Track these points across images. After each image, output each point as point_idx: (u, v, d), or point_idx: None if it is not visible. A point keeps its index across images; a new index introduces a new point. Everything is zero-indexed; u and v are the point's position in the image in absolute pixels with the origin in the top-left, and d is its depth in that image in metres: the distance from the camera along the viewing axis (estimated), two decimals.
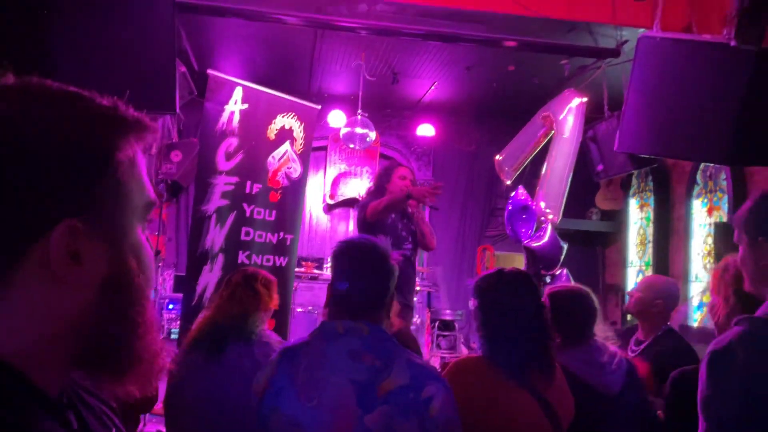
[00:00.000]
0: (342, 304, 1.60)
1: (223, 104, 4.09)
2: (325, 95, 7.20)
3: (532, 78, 6.15)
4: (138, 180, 0.68)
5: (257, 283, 2.48)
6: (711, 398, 1.30)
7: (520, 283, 1.95)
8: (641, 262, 7.10)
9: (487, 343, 1.90)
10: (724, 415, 1.27)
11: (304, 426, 1.46)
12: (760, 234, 1.39)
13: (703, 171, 6.09)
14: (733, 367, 1.27)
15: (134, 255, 0.67)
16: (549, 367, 1.90)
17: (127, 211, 0.66)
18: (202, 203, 4.05)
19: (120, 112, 0.66)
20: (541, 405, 1.83)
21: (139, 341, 0.66)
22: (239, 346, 2.34)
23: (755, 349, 1.27)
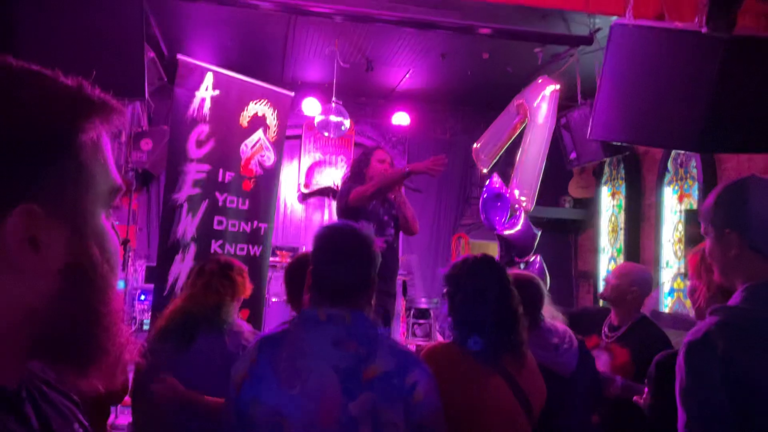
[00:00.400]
0: (324, 290, 1.58)
1: (194, 90, 4.01)
2: (298, 83, 7.13)
3: (506, 66, 6.16)
4: (102, 164, 0.65)
5: (233, 272, 2.44)
6: (691, 390, 1.30)
7: (483, 267, 1.97)
8: (613, 248, 7.19)
9: (455, 328, 1.91)
10: (705, 406, 1.27)
11: (286, 415, 1.44)
12: (726, 226, 1.39)
13: (674, 159, 6.17)
14: (711, 357, 1.27)
15: (97, 242, 0.64)
16: (520, 351, 1.91)
17: (89, 196, 0.63)
18: (173, 192, 3.97)
19: (84, 91, 0.63)
20: (513, 389, 1.85)
21: (104, 333, 0.63)
22: (210, 337, 2.31)
23: (733, 338, 1.27)
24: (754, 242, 1.35)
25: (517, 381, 1.86)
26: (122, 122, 0.67)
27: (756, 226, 1.35)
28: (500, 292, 1.92)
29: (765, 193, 1.38)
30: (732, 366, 1.25)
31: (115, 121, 0.66)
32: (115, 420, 4.48)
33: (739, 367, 1.25)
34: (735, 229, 1.37)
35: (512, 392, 1.84)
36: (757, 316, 1.30)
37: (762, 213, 1.36)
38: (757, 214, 1.35)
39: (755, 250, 1.35)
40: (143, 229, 7.49)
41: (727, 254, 1.39)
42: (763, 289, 1.32)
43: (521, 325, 1.93)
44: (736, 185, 1.45)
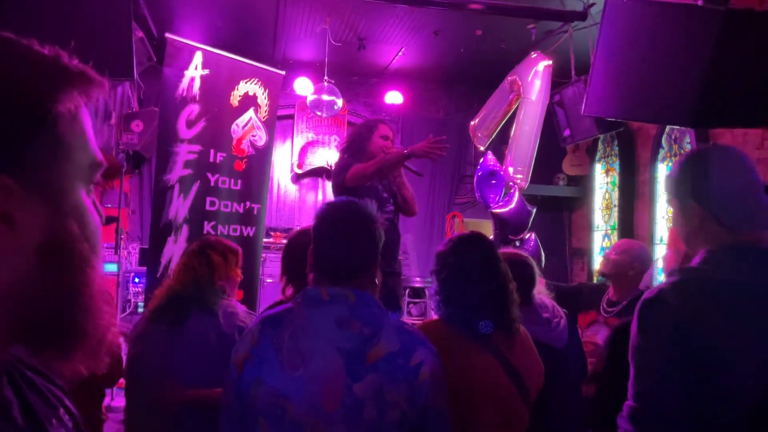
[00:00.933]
0: (325, 269, 1.55)
1: (183, 70, 3.95)
2: (290, 62, 7.05)
3: (499, 43, 6.10)
4: (81, 137, 0.62)
5: (213, 252, 2.40)
6: (642, 346, 1.31)
7: (471, 245, 1.95)
8: (607, 226, 7.19)
9: (443, 306, 1.90)
10: (655, 362, 1.28)
11: (289, 397, 1.41)
12: (688, 198, 1.39)
13: (668, 135, 6.15)
14: (664, 315, 1.28)
15: (77, 220, 0.61)
16: (511, 328, 1.88)
17: (67, 171, 0.60)
18: (164, 173, 3.93)
19: (61, 61, 0.60)
20: (504, 367, 1.83)
21: (85, 314, 0.60)
22: (202, 317, 2.28)
23: (685, 296, 1.28)
24: (714, 214, 1.35)
25: (508, 359, 1.85)
26: (103, 94, 0.64)
27: (716, 199, 1.35)
28: (485, 269, 1.90)
29: (726, 164, 1.38)
30: (681, 323, 1.25)
31: (94, 93, 0.63)
32: (111, 402, 4.48)
33: (688, 324, 1.25)
34: (696, 201, 1.37)
35: (504, 371, 1.82)
36: (711, 276, 1.31)
37: (722, 185, 1.35)
38: (717, 187, 1.35)
39: (716, 221, 1.35)
40: (136, 212, 7.45)
41: (690, 225, 1.40)
42: (721, 252, 1.32)
43: (511, 301, 1.90)
44: (697, 156, 1.45)
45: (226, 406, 1.56)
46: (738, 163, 1.39)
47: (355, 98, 7.89)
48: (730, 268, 1.30)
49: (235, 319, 2.29)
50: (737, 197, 1.35)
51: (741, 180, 1.37)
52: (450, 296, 1.89)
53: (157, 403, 2.23)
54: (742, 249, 1.31)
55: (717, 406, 1.24)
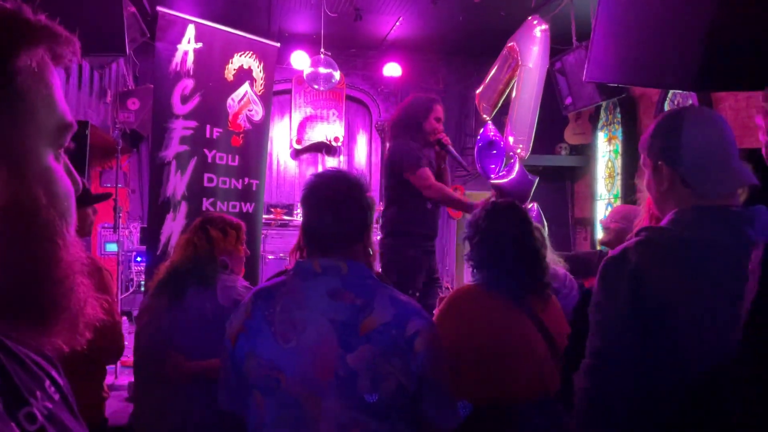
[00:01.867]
0: (317, 240, 1.53)
1: (176, 44, 3.88)
2: (285, 34, 6.94)
3: (499, 10, 5.99)
4: (46, 96, 0.58)
5: (214, 227, 2.43)
6: (600, 303, 1.32)
7: (502, 211, 2.02)
8: (610, 194, 7.14)
9: (477, 270, 1.98)
10: (611, 318, 1.29)
11: (282, 368, 1.40)
12: (659, 158, 1.38)
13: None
14: (623, 271, 1.28)
15: (42, 185, 0.57)
16: (543, 289, 1.96)
17: (29, 132, 0.56)
18: (160, 149, 3.89)
19: (23, 14, 0.56)
20: (537, 325, 1.88)
21: (55, 286, 0.56)
22: (199, 291, 2.30)
23: (647, 254, 1.28)
24: (684, 176, 1.33)
25: (542, 320, 1.90)
26: (72, 52, 0.60)
27: (687, 161, 1.33)
28: (519, 235, 1.96)
29: (698, 126, 1.35)
30: (639, 279, 1.25)
31: (62, 50, 0.59)
32: (116, 380, 4.50)
33: (645, 281, 1.25)
34: (667, 163, 1.36)
35: (537, 329, 1.88)
36: (674, 235, 1.30)
37: (693, 148, 1.33)
38: (688, 149, 1.33)
39: (685, 184, 1.33)
40: (136, 191, 7.42)
41: (660, 187, 1.39)
42: (687, 213, 1.31)
43: (545, 266, 1.98)
44: (671, 118, 1.42)
45: (223, 379, 1.55)
46: (711, 125, 1.37)
47: (353, 71, 7.80)
48: (694, 227, 1.29)
49: (233, 293, 2.31)
50: (707, 160, 1.33)
51: (713, 143, 1.34)
52: (486, 260, 1.95)
53: (160, 375, 2.26)
54: (709, 209, 1.30)
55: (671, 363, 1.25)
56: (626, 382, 1.26)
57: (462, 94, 8.07)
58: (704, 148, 1.34)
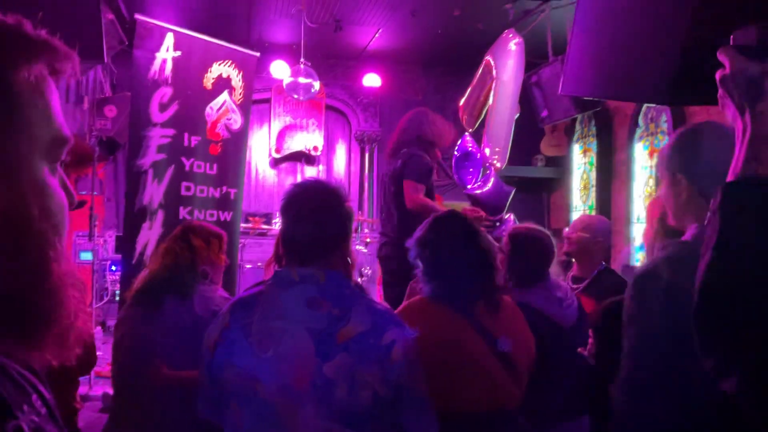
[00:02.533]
0: (295, 249, 1.53)
1: (154, 52, 3.86)
2: (265, 44, 6.94)
3: (477, 24, 6.06)
4: (43, 110, 0.58)
5: (195, 236, 2.40)
6: (635, 317, 1.34)
7: (443, 223, 1.99)
8: (585, 206, 7.24)
9: (427, 283, 1.93)
10: (646, 333, 1.31)
11: (259, 378, 1.40)
12: (678, 170, 1.41)
13: (645, 114, 6.18)
14: (656, 287, 1.31)
15: (36, 198, 0.57)
16: (493, 301, 1.91)
17: (25, 145, 0.56)
18: (137, 157, 3.86)
19: (23, 29, 0.57)
20: (484, 337, 1.84)
21: (47, 299, 0.56)
22: (177, 300, 2.28)
23: (677, 270, 1.30)
24: (702, 188, 1.36)
25: (492, 333, 1.85)
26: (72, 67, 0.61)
27: (705, 173, 1.36)
28: (464, 243, 1.93)
29: (718, 140, 1.38)
30: (674, 296, 1.27)
31: (61, 65, 0.59)
32: (89, 391, 4.43)
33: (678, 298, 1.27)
34: (685, 175, 1.39)
35: (487, 345, 1.83)
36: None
37: (712, 160, 1.35)
38: (707, 161, 1.36)
39: (703, 196, 1.36)
40: (111, 199, 7.33)
41: (678, 198, 1.42)
42: None
43: (494, 275, 1.93)
44: (691, 131, 1.46)
45: (201, 389, 1.55)
46: (729, 140, 1.40)
47: (332, 81, 7.82)
48: None
49: (210, 303, 2.29)
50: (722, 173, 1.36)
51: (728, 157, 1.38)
52: (434, 273, 1.91)
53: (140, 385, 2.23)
54: None
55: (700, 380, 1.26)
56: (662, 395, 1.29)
57: (440, 105, 8.11)
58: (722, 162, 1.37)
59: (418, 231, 2.01)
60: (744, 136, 1.00)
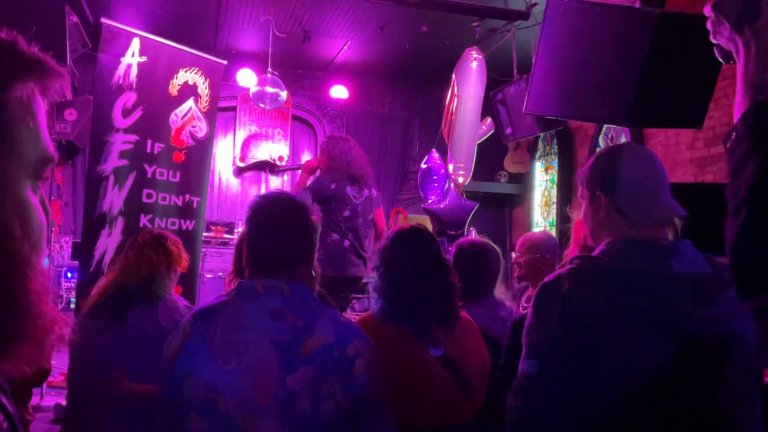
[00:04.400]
0: (260, 261, 1.52)
1: (119, 56, 3.80)
2: (232, 52, 6.90)
3: (444, 40, 6.14)
4: (31, 129, 0.58)
5: (167, 242, 2.36)
6: (533, 325, 1.37)
7: (409, 238, 1.95)
8: (546, 222, 7.37)
9: (380, 300, 1.88)
10: (542, 341, 1.34)
11: (221, 390, 1.38)
12: (597, 188, 1.45)
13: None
14: (556, 296, 1.33)
15: (18, 216, 0.57)
16: (448, 319, 1.88)
17: (12, 163, 0.56)
18: (98, 163, 3.78)
19: (17, 47, 0.57)
20: (441, 359, 1.82)
21: (23, 315, 0.57)
22: (142, 310, 2.23)
23: (578, 281, 1.34)
24: (620, 205, 1.41)
25: (447, 352, 1.84)
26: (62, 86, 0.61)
27: (623, 191, 1.41)
28: (422, 261, 1.89)
29: (636, 159, 1.45)
30: (569, 306, 1.31)
31: (52, 84, 0.59)
32: (41, 401, 4.30)
33: (574, 308, 1.31)
34: (604, 192, 1.43)
35: (440, 362, 1.82)
36: (605, 264, 1.37)
37: (629, 178, 1.42)
38: (624, 179, 1.42)
39: (620, 213, 1.41)
40: (69, 205, 7.16)
41: (597, 216, 1.45)
42: (619, 243, 1.39)
43: (451, 293, 1.91)
44: (611, 151, 1.51)
45: (159, 401, 1.52)
46: (646, 159, 1.46)
47: (300, 91, 7.81)
48: (623, 258, 1.36)
49: (174, 313, 2.25)
50: (641, 191, 1.42)
51: (647, 176, 1.43)
52: (387, 290, 1.88)
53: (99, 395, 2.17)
54: (639, 241, 1.38)
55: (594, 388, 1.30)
56: (554, 404, 1.31)
57: (407, 118, 8.20)
58: (639, 179, 1.43)
59: (381, 244, 1.99)
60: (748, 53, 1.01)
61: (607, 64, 3.18)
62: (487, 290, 2.30)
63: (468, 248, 2.37)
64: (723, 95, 4.54)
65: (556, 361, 1.31)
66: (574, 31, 3.27)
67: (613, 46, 3.15)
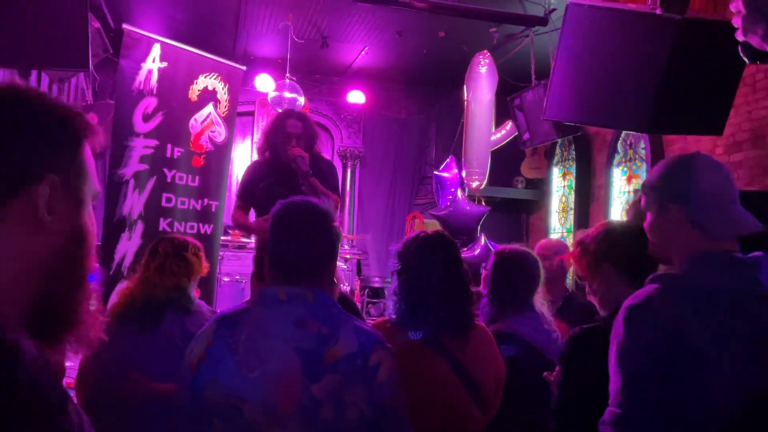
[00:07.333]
0: (283, 268, 1.52)
1: (140, 62, 3.85)
2: (251, 57, 6.96)
3: (462, 45, 6.14)
4: (92, 169, 0.81)
5: (187, 253, 2.36)
6: (630, 351, 1.31)
7: (432, 245, 1.91)
8: (563, 228, 7.32)
9: (399, 306, 1.87)
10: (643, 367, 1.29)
11: (245, 398, 1.38)
12: (670, 201, 1.40)
13: (624, 140, 6.29)
14: (653, 320, 1.29)
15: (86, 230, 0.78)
16: (464, 329, 1.86)
17: (86, 187, 0.79)
18: (118, 167, 3.83)
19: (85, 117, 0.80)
20: (453, 367, 1.81)
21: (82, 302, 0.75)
22: (174, 319, 2.24)
23: (674, 305, 1.30)
24: (696, 219, 1.37)
25: (459, 359, 1.83)
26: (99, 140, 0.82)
27: (699, 204, 1.37)
28: (446, 271, 1.87)
29: (710, 171, 1.41)
30: (669, 329, 1.27)
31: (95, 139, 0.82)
32: None
33: (675, 331, 1.27)
34: (679, 205, 1.39)
35: (453, 371, 1.81)
36: (697, 283, 1.33)
37: (705, 190, 1.38)
38: (700, 191, 1.38)
39: (695, 225, 1.37)
40: None
41: (669, 229, 1.41)
42: (701, 260, 1.35)
43: (468, 303, 1.89)
44: (683, 161, 1.45)
45: (180, 407, 1.52)
46: (720, 171, 1.41)
47: (317, 96, 7.84)
48: (710, 275, 1.32)
49: (201, 318, 2.25)
50: (717, 204, 1.37)
51: (722, 187, 1.39)
52: (409, 295, 1.87)
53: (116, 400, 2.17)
54: (718, 256, 1.34)
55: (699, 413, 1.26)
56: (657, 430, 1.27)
57: (423, 123, 8.20)
58: (715, 192, 1.38)
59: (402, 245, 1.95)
60: None
61: (626, 70, 3.15)
62: (529, 300, 2.24)
63: (510, 256, 2.30)
64: (743, 101, 4.49)
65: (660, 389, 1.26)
66: (593, 36, 3.25)
67: (633, 52, 3.13)
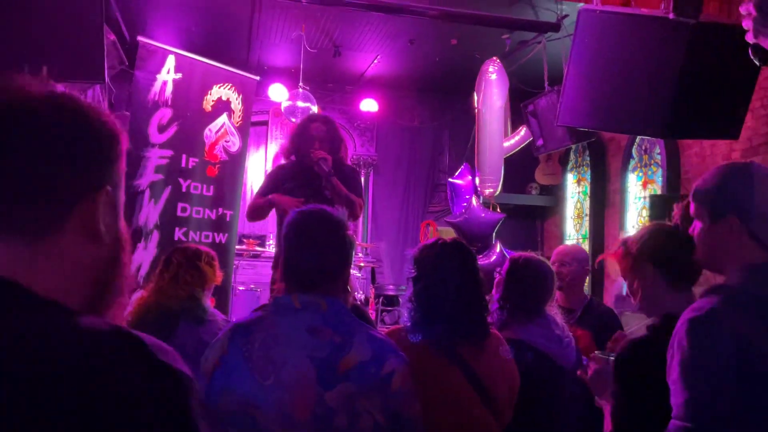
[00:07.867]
0: (296, 277, 1.53)
1: (155, 73, 3.90)
2: (264, 67, 7.00)
3: (474, 53, 6.14)
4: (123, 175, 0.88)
5: (201, 262, 2.38)
6: (697, 366, 1.28)
7: (450, 252, 1.89)
8: (578, 234, 7.27)
9: (414, 313, 1.85)
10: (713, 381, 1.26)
11: (259, 405, 1.39)
12: (728, 212, 1.37)
13: (639, 145, 6.25)
14: (719, 334, 1.26)
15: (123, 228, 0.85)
16: (479, 339, 1.84)
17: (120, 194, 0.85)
18: (134, 178, 3.88)
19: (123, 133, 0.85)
20: (468, 376, 1.80)
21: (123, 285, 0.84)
22: (189, 327, 2.26)
23: (738, 317, 1.27)
24: (753, 230, 1.34)
25: (473, 368, 1.81)
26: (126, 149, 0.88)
27: (758, 215, 1.34)
28: (462, 279, 1.85)
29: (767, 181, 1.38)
30: (739, 342, 1.25)
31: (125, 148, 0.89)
32: None
33: (745, 344, 1.25)
34: (737, 215, 1.35)
35: (467, 380, 1.79)
36: (759, 294, 1.31)
37: (764, 202, 1.35)
38: (760, 203, 1.35)
39: (753, 237, 1.34)
40: None
41: (724, 240, 1.37)
42: (761, 271, 1.33)
43: (482, 311, 1.88)
44: (741, 171, 1.41)
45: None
46: None
47: (330, 105, 7.87)
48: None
49: (215, 327, 2.27)
50: None
51: None
52: (426, 302, 1.84)
53: None
54: None
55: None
56: None
57: (436, 131, 8.20)
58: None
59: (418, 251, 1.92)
60: None
61: (640, 75, 3.13)
62: (542, 308, 2.22)
63: (524, 264, 2.28)
64: (760, 105, 4.45)
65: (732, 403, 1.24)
66: (606, 42, 3.23)
67: (647, 56, 3.11)
